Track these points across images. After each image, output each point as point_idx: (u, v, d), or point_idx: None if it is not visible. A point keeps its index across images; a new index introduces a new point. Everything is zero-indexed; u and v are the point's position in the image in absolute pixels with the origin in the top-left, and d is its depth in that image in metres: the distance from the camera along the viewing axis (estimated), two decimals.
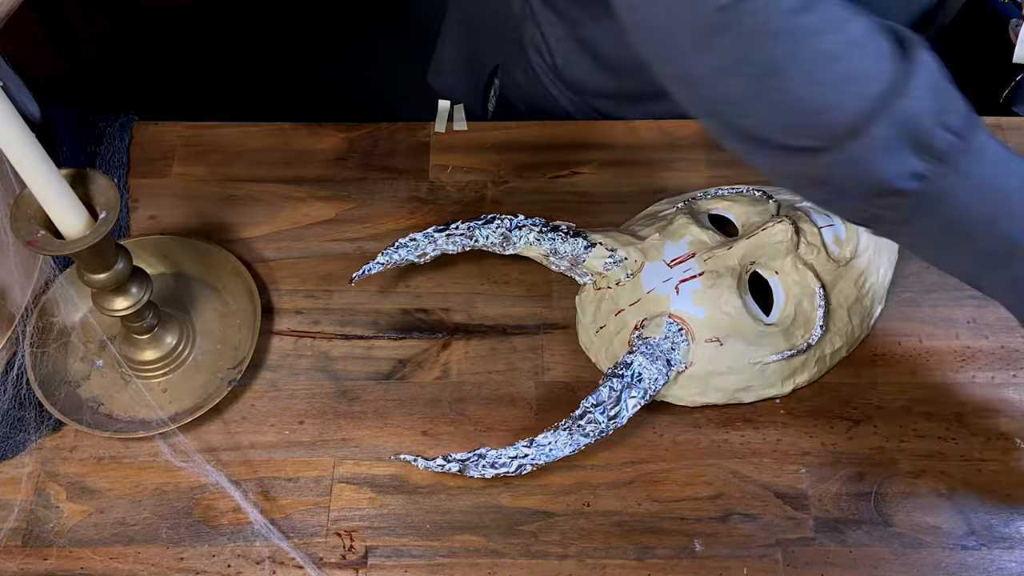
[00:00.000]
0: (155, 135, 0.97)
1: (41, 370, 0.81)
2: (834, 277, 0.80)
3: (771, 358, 0.78)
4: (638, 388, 0.75)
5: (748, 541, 0.74)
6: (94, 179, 0.69)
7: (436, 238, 0.82)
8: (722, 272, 0.78)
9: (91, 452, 0.79)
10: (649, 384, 0.75)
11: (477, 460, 0.75)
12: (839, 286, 0.80)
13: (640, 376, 0.75)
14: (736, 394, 0.79)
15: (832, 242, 0.80)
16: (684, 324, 0.77)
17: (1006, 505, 0.75)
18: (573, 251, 0.80)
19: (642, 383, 0.75)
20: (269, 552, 0.74)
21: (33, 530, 0.76)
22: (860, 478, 0.77)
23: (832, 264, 0.79)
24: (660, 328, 0.77)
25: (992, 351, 0.82)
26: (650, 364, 0.75)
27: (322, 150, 0.96)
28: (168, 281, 0.87)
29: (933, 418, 0.79)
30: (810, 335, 0.78)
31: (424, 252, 0.82)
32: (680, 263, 0.79)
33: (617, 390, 0.75)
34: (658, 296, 0.78)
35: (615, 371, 0.76)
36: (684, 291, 0.78)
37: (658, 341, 0.76)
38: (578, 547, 0.75)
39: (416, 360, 0.83)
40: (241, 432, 0.80)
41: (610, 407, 0.74)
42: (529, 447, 0.74)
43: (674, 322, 0.77)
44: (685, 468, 0.78)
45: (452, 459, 0.75)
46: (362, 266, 0.83)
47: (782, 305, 0.79)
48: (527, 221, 0.82)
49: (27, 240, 0.67)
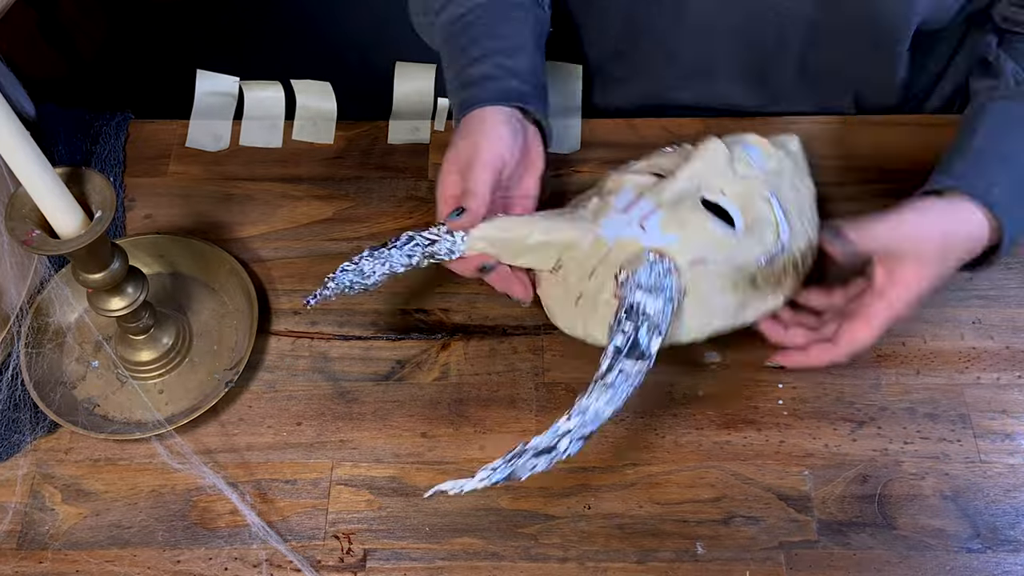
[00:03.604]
0: (151, 133, 0.96)
1: (36, 371, 0.80)
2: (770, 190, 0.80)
3: (755, 263, 0.77)
4: (650, 321, 0.71)
5: (750, 544, 0.74)
6: (90, 178, 0.69)
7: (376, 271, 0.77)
8: (676, 200, 0.77)
9: (86, 454, 0.79)
10: (657, 317, 0.72)
11: (521, 458, 0.67)
12: (779, 196, 0.80)
13: (646, 312, 0.72)
14: (738, 313, 0.77)
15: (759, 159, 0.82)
16: (663, 254, 0.75)
17: (1011, 507, 0.75)
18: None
19: (649, 318, 0.72)
20: (266, 555, 0.74)
21: (28, 533, 0.75)
22: (864, 480, 0.76)
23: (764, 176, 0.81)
24: (641, 261, 0.74)
25: (997, 352, 0.81)
26: (651, 299, 0.72)
27: (320, 148, 0.95)
28: (164, 281, 0.87)
29: (938, 419, 0.78)
30: (779, 231, 0.78)
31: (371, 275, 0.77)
32: (633, 205, 0.78)
33: (629, 332, 0.71)
34: (625, 240, 0.76)
35: (621, 315, 0.72)
36: (650, 225, 0.76)
37: (644, 271, 0.73)
38: (579, 550, 0.74)
39: (415, 361, 0.83)
40: (238, 434, 0.79)
41: (630, 350, 0.70)
42: (569, 420, 0.68)
43: (652, 255, 0.75)
44: (687, 470, 0.77)
45: (497, 467, 0.67)
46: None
47: (740, 218, 0.78)
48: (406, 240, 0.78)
49: (22, 239, 0.67)
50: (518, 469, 0.67)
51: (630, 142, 0.94)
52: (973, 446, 0.77)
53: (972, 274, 0.77)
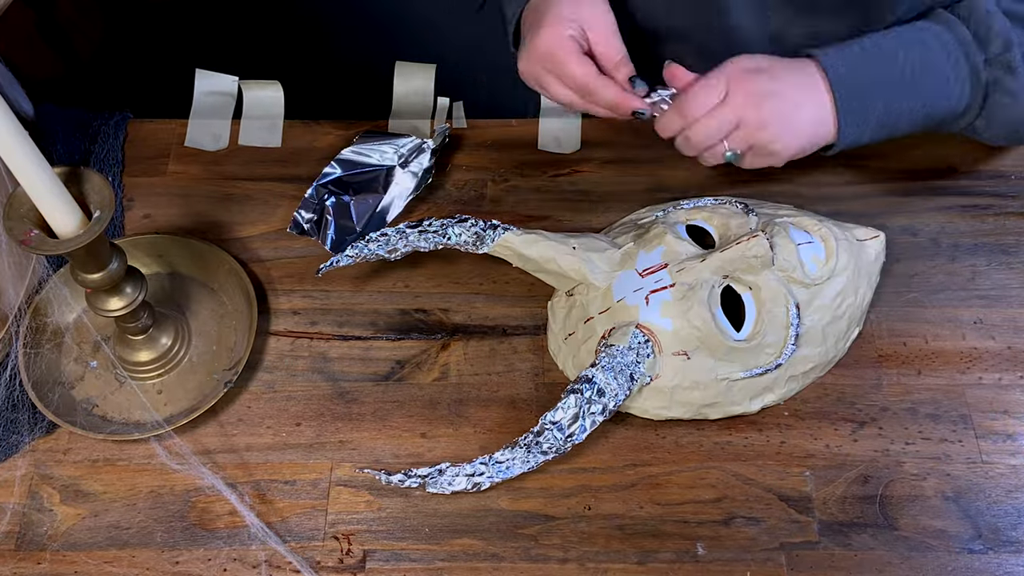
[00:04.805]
0: (150, 133, 0.96)
1: (34, 371, 0.80)
2: (810, 296, 0.77)
3: (739, 375, 0.76)
4: (598, 404, 0.73)
5: (751, 545, 0.74)
6: (88, 177, 0.68)
7: (408, 234, 0.81)
8: (693, 285, 0.76)
9: (85, 454, 0.78)
10: (610, 399, 0.74)
11: (436, 476, 0.74)
12: (814, 304, 0.77)
13: (602, 391, 0.74)
14: (702, 410, 0.77)
15: (810, 260, 0.78)
16: (651, 335, 0.75)
17: (1013, 508, 0.74)
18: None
19: (603, 398, 0.74)
20: (266, 556, 0.74)
21: (26, 534, 0.75)
22: (865, 481, 0.76)
23: (808, 282, 0.77)
24: (625, 337, 0.75)
25: (999, 352, 0.81)
26: (612, 379, 0.74)
27: (319, 148, 0.95)
28: (163, 281, 0.87)
29: (939, 420, 0.78)
30: (780, 354, 0.76)
31: (395, 248, 0.81)
32: (652, 273, 0.77)
33: (576, 407, 0.73)
34: (628, 305, 0.77)
35: (576, 386, 0.74)
36: (654, 302, 0.76)
37: (623, 350, 0.74)
38: (579, 551, 0.74)
39: (415, 361, 0.83)
40: (237, 434, 0.79)
41: (567, 424, 0.73)
42: (487, 464, 0.74)
43: (641, 333, 0.75)
44: (687, 471, 0.77)
45: (413, 474, 0.74)
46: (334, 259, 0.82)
47: (753, 321, 0.77)
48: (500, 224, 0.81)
49: (20, 239, 0.66)
50: (429, 484, 0.74)
51: (631, 141, 0.94)
52: (975, 447, 0.77)
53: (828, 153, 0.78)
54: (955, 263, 0.86)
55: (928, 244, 0.87)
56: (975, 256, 0.86)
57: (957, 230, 0.87)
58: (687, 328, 0.75)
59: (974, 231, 0.87)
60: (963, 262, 0.86)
